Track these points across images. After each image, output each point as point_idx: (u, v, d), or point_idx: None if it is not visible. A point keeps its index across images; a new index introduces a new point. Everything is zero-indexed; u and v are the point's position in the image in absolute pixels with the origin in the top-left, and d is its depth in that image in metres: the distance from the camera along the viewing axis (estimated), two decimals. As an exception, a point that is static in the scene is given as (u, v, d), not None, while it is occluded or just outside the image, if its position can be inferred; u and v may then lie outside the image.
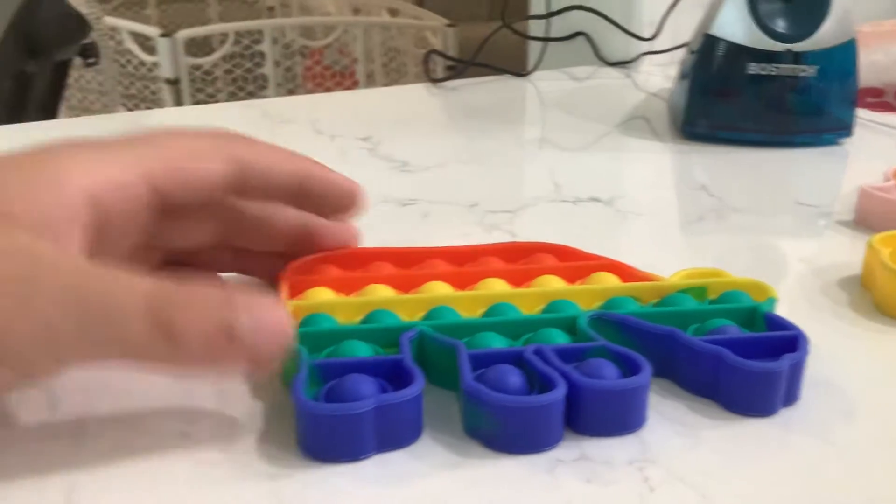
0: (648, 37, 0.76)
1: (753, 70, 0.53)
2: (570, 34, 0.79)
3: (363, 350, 0.26)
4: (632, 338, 0.27)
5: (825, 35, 0.53)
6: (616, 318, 0.28)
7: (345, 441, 0.23)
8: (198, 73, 1.55)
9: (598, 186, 0.47)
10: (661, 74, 0.74)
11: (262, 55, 1.60)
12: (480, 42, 0.73)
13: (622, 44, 0.77)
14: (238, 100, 1.52)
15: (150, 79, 1.54)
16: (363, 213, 0.32)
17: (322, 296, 0.30)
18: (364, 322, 0.28)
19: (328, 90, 1.70)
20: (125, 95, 1.56)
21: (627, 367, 0.25)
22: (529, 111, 0.68)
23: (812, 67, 0.53)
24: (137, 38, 1.54)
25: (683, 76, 0.58)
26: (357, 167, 0.50)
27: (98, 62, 1.06)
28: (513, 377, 0.25)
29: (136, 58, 1.53)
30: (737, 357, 0.25)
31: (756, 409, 0.26)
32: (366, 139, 0.55)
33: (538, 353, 0.26)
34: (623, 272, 0.32)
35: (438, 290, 0.30)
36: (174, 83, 1.51)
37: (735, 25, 0.54)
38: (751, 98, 0.54)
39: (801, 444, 0.25)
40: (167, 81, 1.51)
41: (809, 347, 0.26)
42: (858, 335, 0.31)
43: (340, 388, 0.24)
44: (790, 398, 0.26)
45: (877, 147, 0.56)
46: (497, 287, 0.31)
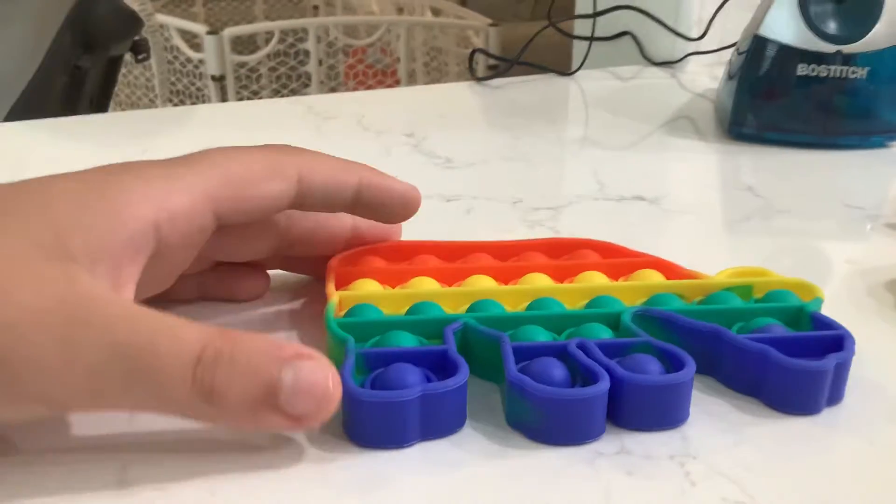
0: (695, 37, 0.75)
1: (803, 71, 0.53)
2: (616, 34, 0.79)
3: (408, 340, 0.27)
4: (676, 335, 0.28)
5: (876, 37, 0.52)
6: (660, 315, 0.28)
7: (390, 428, 0.24)
8: (242, 71, 1.57)
9: (643, 185, 0.47)
10: (708, 75, 0.74)
11: (306, 53, 1.62)
12: (522, 41, 0.73)
13: (668, 44, 0.76)
14: (281, 97, 1.54)
15: (197, 75, 1.57)
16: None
17: (368, 287, 0.30)
18: (409, 313, 0.29)
19: (370, 88, 1.72)
20: (171, 91, 1.59)
21: (671, 364, 0.25)
22: (573, 110, 0.68)
23: (862, 69, 0.52)
24: (185, 36, 1.57)
25: (731, 77, 0.58)
26: (401, 163, 0.51)
27: (148, 58, 1.08)
28: (556, 370, 0.25)
29: (183, 54, 1.56)
30: (782, 355, 0.25)
31: (800, 408, 0.26)
32: (410, 135, 0.55)
33: (581, 347, 0.26)
34: (667, 269, 0.32)
35: (482, 284, 0.31)
36: (219, 80, 1.53)
37: (785, 26, 0.53)
38: (799, 99, 0.54)
39: (845, 444, 0.25)
40: (213, 78, 1.53)
41: (854, 347, 0.26)
42: (906, 338, 0.31)
43: (386, 377, 0.24)
44: (834, 398, 0.26)
45: (928, 151, 0.55)
46: (540, 282, 0.31)
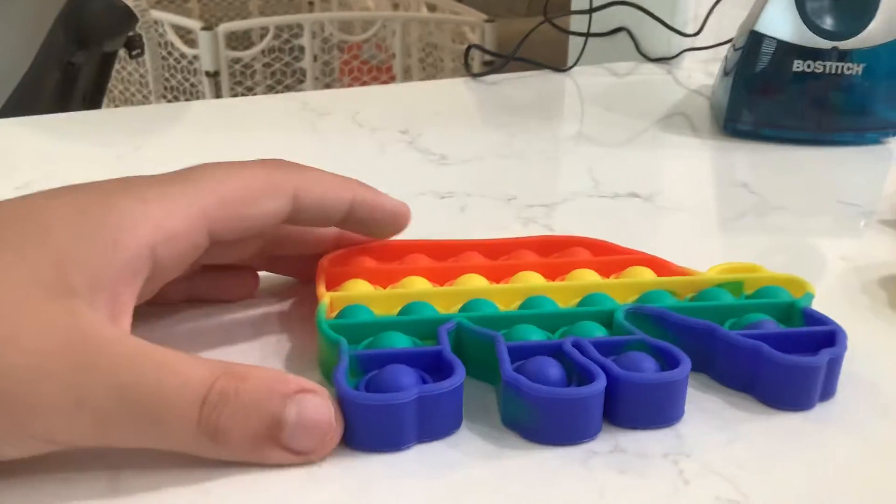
0: (691, 33, 0.75)
1: (798, 67, 0.53)
2: (612, 29, 0.79)
3: (402, 341, 0.26)
4: (669, 332, 0.27)
5: (872, 33, 0.52)
6: (653, 312, 0.28)
7: (387, 431, 0.23)
8: (237, 67, 1.57)
9: (637, 182, 0.47)
10: (703, 71, 0.73)
11: (301, 49, 1.62)
12: (518, 37, 0.73)
13: (664, 40, 0.76)
14: (276, 93, 1.53)
15: (191, 71, 1.56)
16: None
17: (359, 287, 0.30)
18: (401, 314, 0.28)
19: (365, 84, 1.71)
20: (166, 87, 1.59)
21: (666, 361, 0.25)
22: (568, 106, 0.68)
23: (858, 66, 0.52)
24: (179, 31, 1.56)
25: (727, 73, 0.57)
26: (396, 160, 0.50)
27: (142, 54, 1.08)
28: (552, 369, 0.25)
29: (178, 50, 1.56)
30: (776, 351, 0.25)
31: (794, 404, 0.26)
32: (405, 132, 0.55)
33: (577, 346, 0.26)
34: (658, 266, 0.32)
35: (474, 283, 0.30)
36: (214, 76, 1.53)
37: (781, 22, 0.53)
38: (795, 95, 0.54)
39: (838, 441, 0.25)
40: (207, 74, 1.53)
41: (846, 342, 0.26)
42: (900, 335, 0.31)
43: (381, 379, 0.24)
44: (827, 393, 0.26)
45: (923, 147, 0.55)
46: (532, 280, 0.31)
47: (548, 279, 0.31)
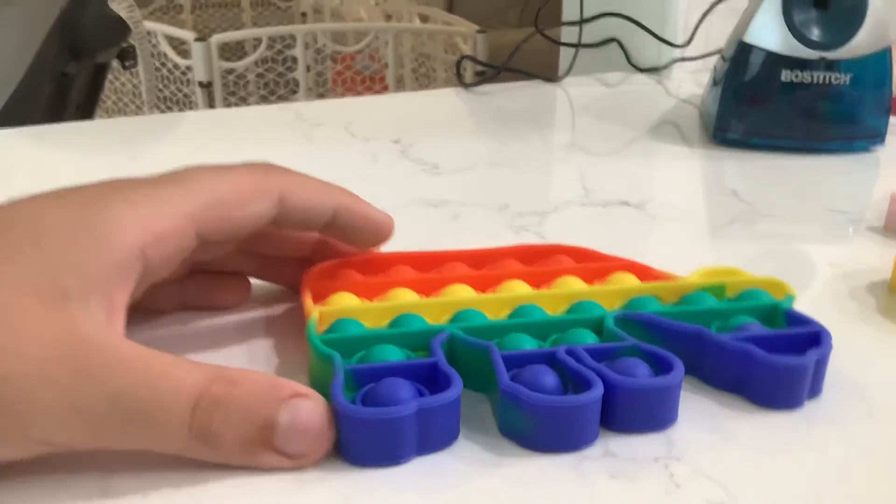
0: (681, 43, 0.76)
1: (787, 77, 0.53)
2: (603, 40, 0.80)
3: (395, 354, 0.26)
4: (659, 336, 0.28)
5: (860, 43, 0.53)
6: (643, 318, 0.28)
7: (386, 445, 0.23)
8: (230, 77, 1.57)
9: (628, 190, 0.47)
10: (693, 81, 0.74)
11: (294, 60, 1.62)
12: (509, 48, 0.74)
13: (654, 50, 0.77)
14: (269, 104, 1.53)
15: (184, 82, 1.56)
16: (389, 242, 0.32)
17: (346, 301, 0.30)
18: (391, 326, 0.28)
19: (358, 94, 1.72)
20: (159, 98, 1.59)
21: (658, 366, 0.26)
22: (560, 116, 0.69)
23: (846, 75, 0.53)
24: (172, 42, 1.57)
25: (716, 83, 0.58)
26: (388, 169, 0.51)
27: (136, 65, 1.08)
28: (548, 377, 0.25)
29: (171, 61, 1.56)
30: (765, 353, 0.26)
31: (783, 403, 0.26)
32: (397, 142, 0.55)
33: (571, 353, 0.26)
34: (641, 272, 0.32)
35: (462, 293, 0.31)
36: (207, 86, 1.53)
37: (769, 33, 0.54)
38: (783, 105, 0.54)
39: (827, 442, 0.25)
40: (200, 85, 1.53)
41: (832, 342, 0.27)
42: (885, 339, 0.31)
43: (378, 393, 0.24)
44: (814, 392, 0.27)
45: (910, 155, 0.56)
46: (520, 289, 0.31)
47: (533, 287, 0.31)
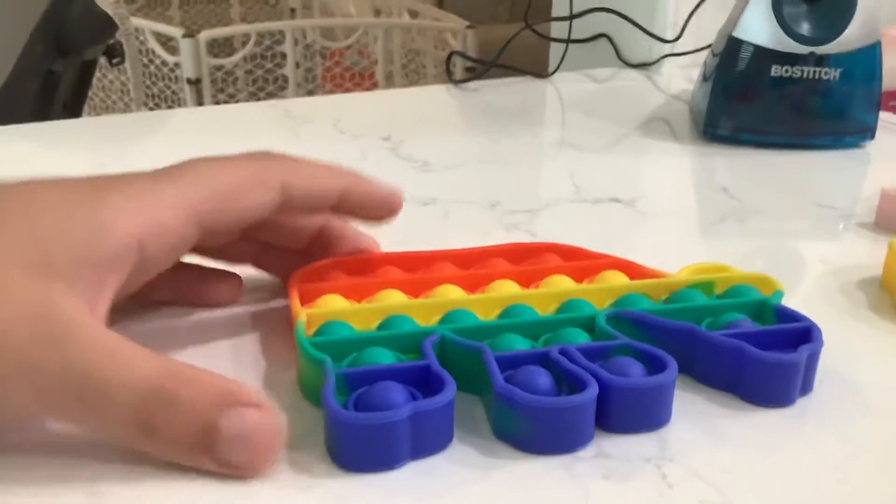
0: (671, 39, 0.76)
1: (776, 73, 0.53)
2: (592, 36, 0.80)
3: (386, 357, 0.26)
4: (650, 334, 0.28)
5: (849, 38, 0.53)
6: (634, 316, 0.28)
7: (381, 450, 0.23)
8: (219, 74, 1.56)
9: (619, 187, 0.47)
10: (683, 76, 0.74)
11: (283, 56, 1.61)
12: (499, 43, 0.73)
13: (644, 46, 0.77)
14: (258, 100, 1.53)
15: (172, 79, 1.55)
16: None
17: (334, 303, 0.30)
18: (381, 328, 0.28)
19: (347, 91, 1.71)
20: (147, 95, 1.58)
21: (651, 365, 0.26)
22: (550, 112, 0.68)
23: (835, 70, 0.53)
24: (160, 39, 1.56)
25: (706, 78, 0.58)
26: (378, 167, 0.50)
27: (123, 62, 1.08)
28: (542, 378, 0.25)
29: (159, 57, 1.55)
30: (758, 350, 0.26)
31: (776, 400, 0.26)
32: (387, 139, 0.55)
33: (564, 353, 0.26)
34: (629, 270, 0.32)
35: (451, 294, 0.30)
36: (195, 83, 1.52)
37: (759, 28, 0.54)
38: (773, 100, 0.54)
39: (820, 439, 0.25)
40: (188, 81, 1.52)
41: (822, 338, 0.27)
42: (876, 336, 0.31)
43: (371, 397, 0.24)
44: (806, 388, 0.27)
45: (899, 150, 0.56)
46: (509, 288, 0.31)
47: (522, 286, 0.31)
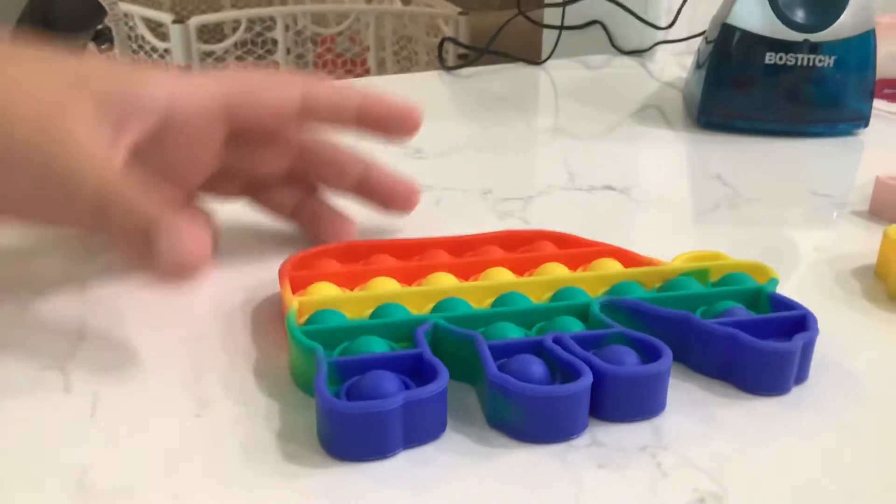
0: (664, 25, 0.75)
1: (770, 60, 0.53)
2: (585, 22, 0.79)
3: (378, 345, 0.26)
4: (644, 323, 0.28)
5: (843, 25, 0.53)
6: (628, 304, 0.28)
7: (373, 439, 0.23)
8: (209, 60, 1.55)
9: (613, 175, 0.47)
10: (676, 64, 0.74)
11: (274, 42, 1.60)
12: (492, 30, 0.73)
13: (637, 32, 0.77)
14: (250, 87, 1.52)
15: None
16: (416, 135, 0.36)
17: (325, 291, 0.29)
18: (373, 316, 0.28)
19: (339, 77, 1.70)
20: (137, 81, 1.56)
21: (646, 353, 0.25)
22: (543, 99, 0.68)
23: (829, 58, 0.53)
24: (150, 24, 1.54)
25: (699, 65, 0.58)
26: (370, 153, 0.50)
27: (112, 48, 1.07)
28: (535, 366, 0.24)
29: (149, 44, 1.54)
30: (753, 338, 0.26)
31: (770, 389, 0.26)
32: (379, 126, 0.55)
33: (557, 342, 0.26)
34: (624, 257, 0.32)
35: (444, 281, 0.30)
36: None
37: (753, 15, 0.53)
38: (767, 88, 0.54)
39: (814, 428, 0.25)
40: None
41: (818, 326, 0.27)
42: (871, 324, 0.31)
43: (363, 386, 0.23)
44: (801, 377, 0.27)
45: (893, 138, 0.56)
46: (502, 276, 0.31)
47: (516, 274, 0.31)
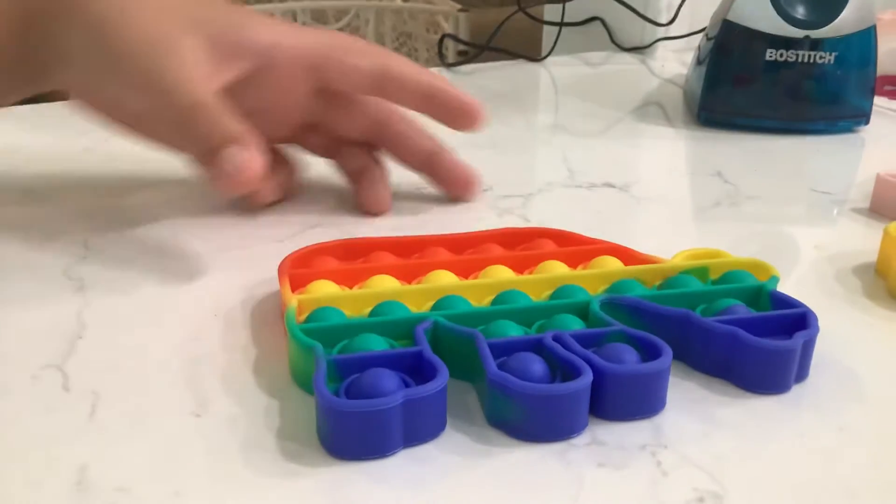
0: (664, 22, 0.75)
1: (771, 56, 0.53)
2: (586, 19, 0.79)
3: (378, 343, 0.26)
4: (644, 321, 0.27)
5: (844, 22, 0.53)
6: (628, 302, 0.28)
7: (373, 438, 0.23)
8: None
9: (613, 172, 0.47)
10: (677, 60, 0.74)
11: (274, 38, 1.60)
12: (492, 26, 0.73)
13: (637, 29, 0.76)
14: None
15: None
16: (480, 128, 0.39)
17: (325, 288, 0.29)
18: (373, 314, 0.28)
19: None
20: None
21: (646, 351, 0.25)
22: (543, 96, 0.68)
23: (830, 54, 0.53)
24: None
25: (700, 62, 0.58)
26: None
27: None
28: (536, 365, 0.24)
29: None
30: (753, 336, 0.26)
31: (770, 387, 0.26)
32: (379, 123, 0.54)
33: (557, 340, 0.25)
34: (624, 255, 0.32)
35: (444, 279, 0.30)
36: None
37: (753, 11, 0.53)
38: (767, 85, 0.54)
39: (815, 427, 0.25)
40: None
41: (818, 324, 0.27)
42: (872, 322, 0.31)
43: (363, 384, 0.23)
44: (801, 375, 0.27)
45: (894, 135, 0.56)
46: (502, 274, 0.30)
47: (516, 272, 0.31)
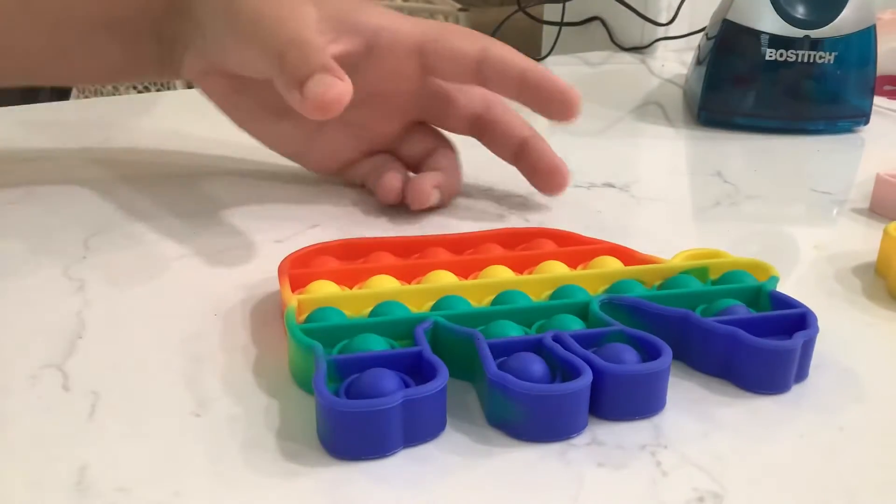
0: (664, 22, 0.75)
1: (771, 56, 0.53)
2: (585, 19, 0.79)
3: (378, 343, 0.26)
4: (644, 321, 0.27)
5: (844, 22, 0.53)
6: (628, 302, 0.28)
7: (373, 438, 0.23)
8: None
9: (613, 172, 0.47)
10: (677, 60, 0.74)
11: (274, 38, 1.59)
12: (492, 26, 0.73)
13: (637, 29, 0.77)
14: (250, 83, 1.51)
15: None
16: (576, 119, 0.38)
17: (325, 289, 0.29)
18: (373, 314, 0.28)
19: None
20: (137, 77, 1.56)
21: (645, 351, 0.25)
22: (543, 96, 0.68)
23: (830, 54, 0.53)
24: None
25: (700, 62, 0.58)
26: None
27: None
28: (535, 365, 0.24)
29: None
30: (752, 337, 0.26)
31: (770, 387, 0.26)
32: (379, 123, 0.54)
33: (557, 340, 0.25)
34: (624, 255, 0.32)
35: (444, 279, 0.30)
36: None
37: (753, 11, 0.53)
38: (767, 84, 0.54)
39: (815, 427, 0.25)
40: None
41: (818, 324, 0.27)
42: (872, 322, 0.31)
43: (362, 384, 0.23)
44: (801, 375, 0.27)
45: (893, 135, 0.56)
46: (502, 274, 0.30)
47: (516, 272, 0.31)
